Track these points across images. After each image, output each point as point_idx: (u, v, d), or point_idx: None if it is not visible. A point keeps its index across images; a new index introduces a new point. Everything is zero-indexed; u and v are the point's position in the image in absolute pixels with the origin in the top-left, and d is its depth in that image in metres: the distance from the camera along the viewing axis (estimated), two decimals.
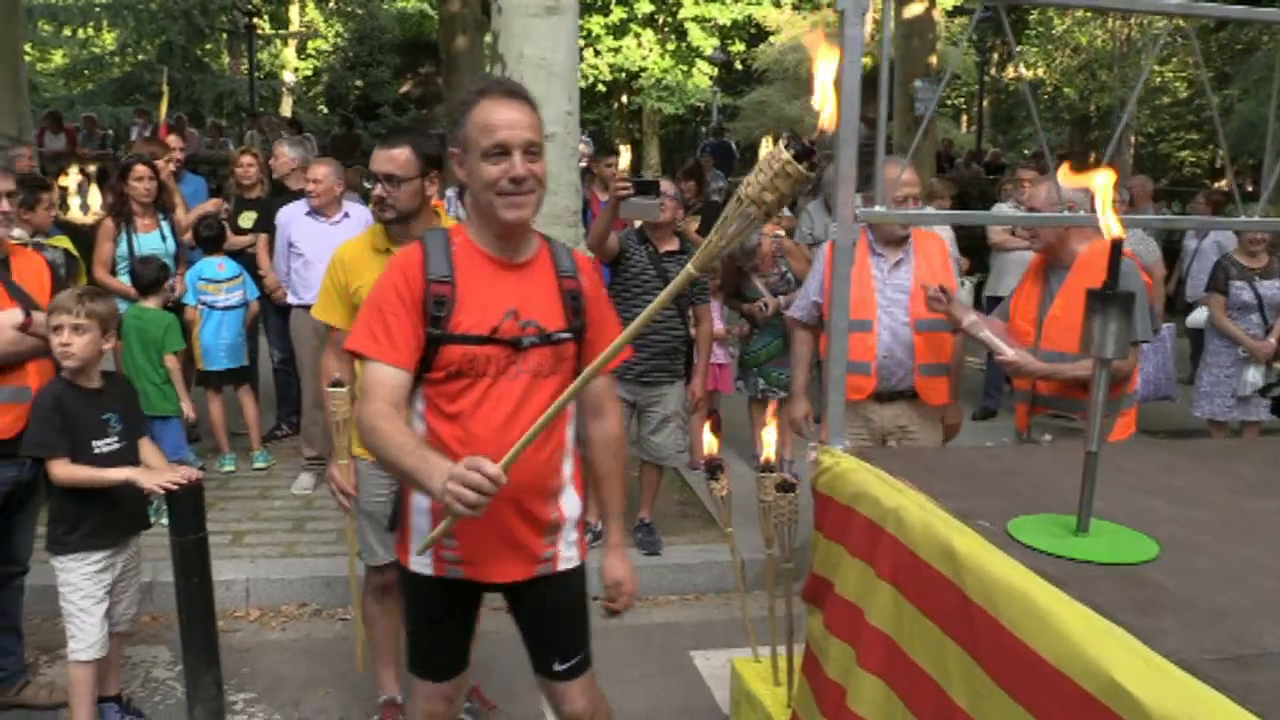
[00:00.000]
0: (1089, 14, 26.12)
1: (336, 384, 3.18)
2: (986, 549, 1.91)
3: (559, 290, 2.36)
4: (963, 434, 4.28)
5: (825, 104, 1.69)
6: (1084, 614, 1.63)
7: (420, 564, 2.39)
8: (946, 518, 2.07)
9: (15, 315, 3.32)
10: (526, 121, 2.23)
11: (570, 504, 2.46)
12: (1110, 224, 1.86)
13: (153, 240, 5.71)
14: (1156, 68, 24.99)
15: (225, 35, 27.13)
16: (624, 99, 28.46)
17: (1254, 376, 6.16)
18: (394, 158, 3.15)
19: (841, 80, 2.48)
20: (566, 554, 2.47)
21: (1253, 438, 6.29)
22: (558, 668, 2.50)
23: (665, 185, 4.90)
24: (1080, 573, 1.83)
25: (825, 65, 1.68)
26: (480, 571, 2.38)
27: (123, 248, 5.61)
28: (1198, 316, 7.45)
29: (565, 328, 2.34)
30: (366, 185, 7.05)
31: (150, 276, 5.35)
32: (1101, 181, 1.92)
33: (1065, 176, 2.24)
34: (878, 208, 2.60)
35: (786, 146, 1.71)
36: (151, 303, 5.31)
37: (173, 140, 7.10)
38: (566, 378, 2.31)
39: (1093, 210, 2.02)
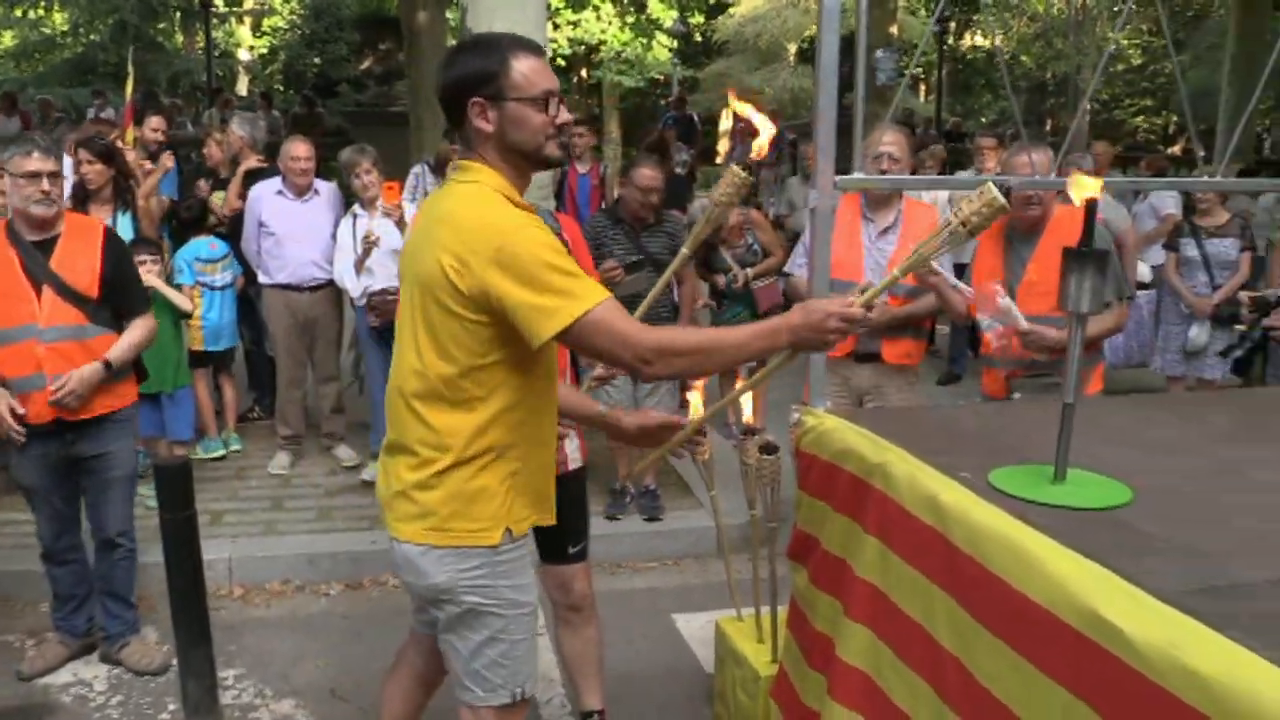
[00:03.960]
0: None
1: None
2: (971, 499, 1.99)
3: None
4: (930, 399, 4.37)
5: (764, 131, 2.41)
6: (1069, 556, 1.71)
7: None
8: (931, 471, 2.15)
9: (96, 370, 3.49)
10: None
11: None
12: (1084, 184, 1.93)
13: None
14: (1111, 35, 25.24)
15: (179, 13, 26.62)
16: (584, 73, 28.33)
17: (1196, 333, 6.29)
18: None
19: (819, 50, 2.54)
20: (573, 457, 3.03)
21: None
22: (571, 550, 3.03)
23: (647, 172, 5.04)
24: (1062, 519, 1.92)
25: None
26: None
27: None
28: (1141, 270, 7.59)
29: None
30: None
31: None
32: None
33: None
34: (856, 174, 2.66)
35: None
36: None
37: (155, 122, 7.01)
38: None
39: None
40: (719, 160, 22.02)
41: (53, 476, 3.63)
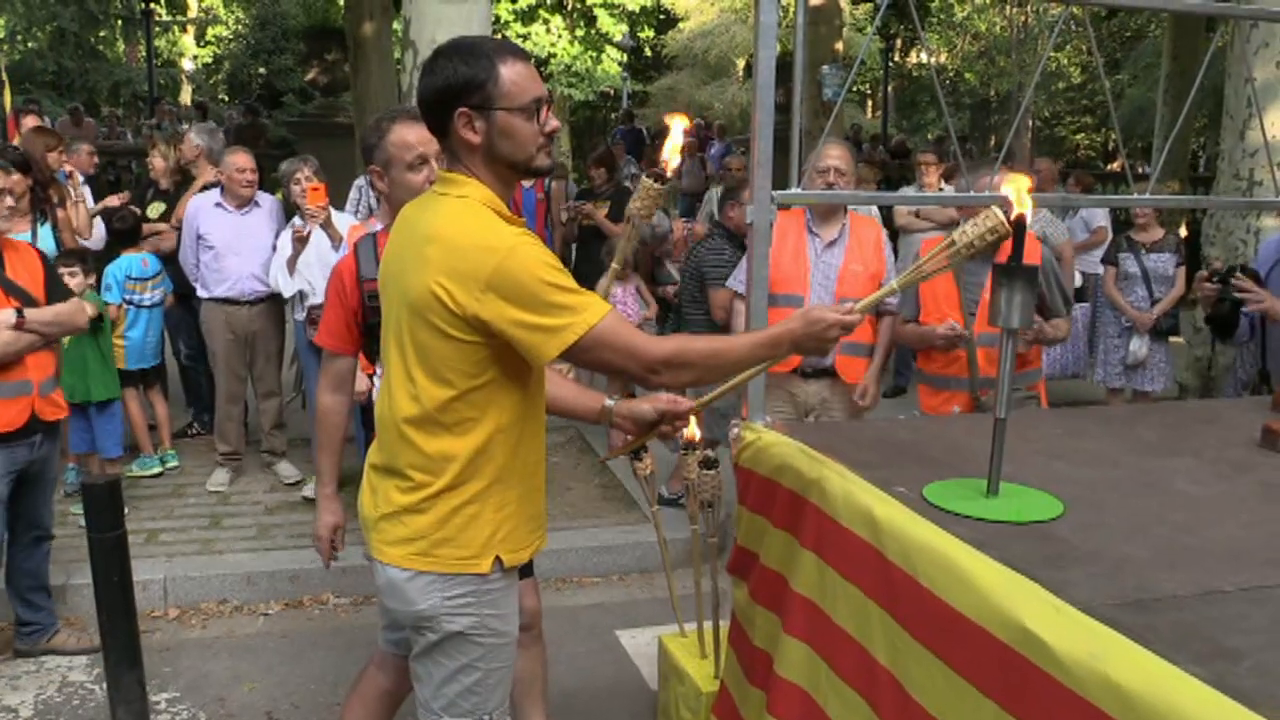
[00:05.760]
0: (988, 0, 26.86)
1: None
2: (904, 513, 2.00)
3: None
4: (876, 413, 4.39)
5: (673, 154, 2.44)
6: (998, 569, 1.73)
7: None
8: (866, 486, 2.16)
9: (9, 315, 3.51)
10: None
11: None
12: (1014, 200, 1.95)
13: None
14: (1052, 54, 25.79)
15: (120, 21, 26.19)
16: None
17: (1137, 346, 6.44)
18: None
19: (757, 66, 2.55)
20: None
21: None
22: None
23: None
24: (993, 532, 1.93)
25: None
26: None
27: None
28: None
29: None
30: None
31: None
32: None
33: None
34: (794, 189, 2.67)
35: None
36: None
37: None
38: None
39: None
40: (669, 174, 22.11)
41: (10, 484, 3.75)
